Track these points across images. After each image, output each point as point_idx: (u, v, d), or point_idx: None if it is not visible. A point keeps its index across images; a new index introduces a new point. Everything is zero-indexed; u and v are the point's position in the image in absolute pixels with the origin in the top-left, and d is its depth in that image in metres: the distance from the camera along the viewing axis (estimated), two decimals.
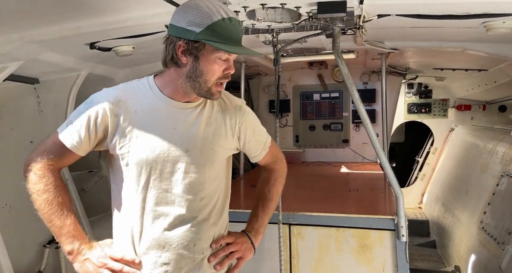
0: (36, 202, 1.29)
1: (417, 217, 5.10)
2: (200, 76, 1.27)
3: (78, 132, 1.31)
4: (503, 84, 3.59)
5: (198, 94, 1.32)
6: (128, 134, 1.31)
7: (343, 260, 2.18)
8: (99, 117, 1.30)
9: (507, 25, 1.69)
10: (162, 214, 1.33)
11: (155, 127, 1.32)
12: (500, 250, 2.86)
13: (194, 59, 1.26)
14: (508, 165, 3.26)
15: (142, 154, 1.31)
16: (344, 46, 2.76)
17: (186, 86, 1.31)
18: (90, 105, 1.31)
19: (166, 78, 1.35)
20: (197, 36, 1.21)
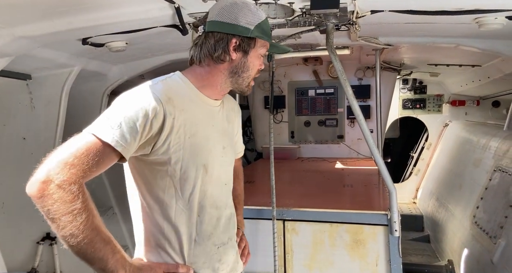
0: (71, 225, 1.04)
1: (411, 212, 5.15)
2: (246, 71, 1.34)
3: (131, 133, 1.14)
4: (497, 80, 3.61)
5: (235, 89, 1.38)
6: (182, 134, 1.25)
7: (337, 255, 2.20)
8: (156, 115, 1.18)
9: (498, 21, 1.70)
10: (215, 215, 1.37)
11: (201, 125, 1.31)
12: (492, 244, 2.89)
13: (243, 54, 1.32)
14: (500, 160, 3.29)
15: (196, 155, 1.28)
16: (338, 42, 2.76)
17: (226, 82, 1.35)
18: (142, 102, 1.17)
19: (202, 75, 1.34)
20: (253, 33, 1.29)
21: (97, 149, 1.10)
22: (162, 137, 1.21)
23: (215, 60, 1.31)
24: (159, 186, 1.27)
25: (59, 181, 1.04)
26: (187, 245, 1.31)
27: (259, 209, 2.34)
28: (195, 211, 1.31)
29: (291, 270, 2.26)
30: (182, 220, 1.30)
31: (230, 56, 1.30)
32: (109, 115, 1.16)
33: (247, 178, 3.50)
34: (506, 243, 2.72)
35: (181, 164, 1.25)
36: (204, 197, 1.32)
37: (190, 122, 1.27)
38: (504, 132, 3.56)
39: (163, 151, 1.22)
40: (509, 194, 2.94)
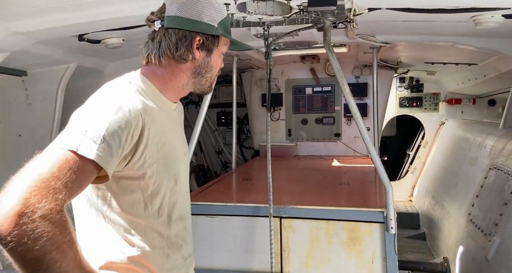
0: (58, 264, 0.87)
1: (407, 210, 5.17)
2: (209, 71, 1.26)
3: (115, 148, 1.01)
4: (493, 78, 3.63)
5: (197, 90, 1.29)
6: (155, 145, 1.14)
7: (333, 253, 2.21)
8: (137, 127, 1.07)
9: (495, 19, 1.71)
10: (181, 227, 1.30)
11: (168, 133, 1.23)
12: (487, 242, 2.92)
13: (207, 53, 1.24)
14: (496, 158, 3.31)
15: (167, 166, 1.20)
16: (336, 39, 2.76)
17: (188, 83, 1.26)
18: (122, 111, 1.04)
19: (164, 76, 1.23)
20: (218, 30, 1.21)
21: (80, 168, 0.94)
22: (139, 151, 1.09)
23: (176, 60, 1.20)
24: (126, 202, 1.14)
25: (45, 211, 0.84)
26: (160, 261, 1.23)
27: (256, 206, 2.34)
28: (165, 224, 1.23)
29: (287, 267, 2.26)
30: (153, 235, 1.20)
31: (194, 55, 1.21)
32: (87, 127, 1.00)
33: (244, 176, 3.52)
34: (501, 240, 2.74)
35: (155, 177, 1.16)
36: (172, 209, 1.24)
37: (160, 130, 1.17)
38: (499, 131, 3.58)
39: (139, 165, 1.11)
40: (504, 192, 2.96)
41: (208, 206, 2.41)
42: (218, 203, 2.41)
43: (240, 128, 5.53)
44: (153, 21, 1.22)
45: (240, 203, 2.42)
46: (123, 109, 1.05)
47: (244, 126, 5.56)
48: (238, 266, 2.32)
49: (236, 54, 3.60)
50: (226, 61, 2.68)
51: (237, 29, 2.27)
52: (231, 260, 2.32)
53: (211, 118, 5.69)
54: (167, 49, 1.20)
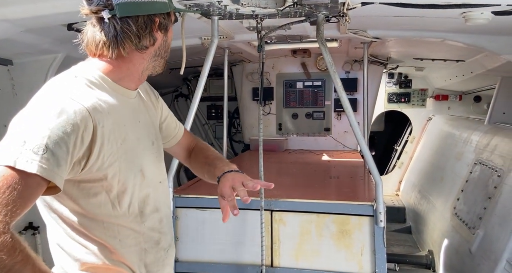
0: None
1: (394, 204, 5.26)
2: (167, 50, 1.19)
3: (62, 156, 0.93)
4: (479, 75, 3.69)
5: (154, 72, 1.21)
6: (113, 142, 1.06)
7: (323, 245, 2.24)
8: (86, 128, 0.98)
9: (484, 16, 1.73)
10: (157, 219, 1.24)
11: (129, 126, 1.14)
12: (471, 235, 3.00)
13: (164, 33, 1.16)
14: (481, 153, 3.39)
15: (131, 161, 1.13)
16: (328, 34, 2.76)
17: (147, 68, 1.18)
18: (65, 114, 0.95)
19: (120, 66, 1.13)
20: (171, 5, 1.13)
21: (21, 183, 0.86)
22: (95, 152, 1.01)
23: (139, 49, 1.11)
24: (92, 204, 1.08)
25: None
26: (138, 257, 1.19)
27: None
28: (139, 221, 1.17)
29: (278, 260, 2.28)
30: (127, 233, 1.15)
31: (155, 39, 1.13)
32: (25, 136, 0.90)
33: None
34: (484, 233, 2.82)
35: (119, 177, 1.08)
36: (144, 204, 1.18)
37: (118, 125, 1.09)
38: (485, 127, 3.67)
39: (97, 167, 1.03)
40: (488, 186, 3.04)
41: (199, 199, 2.41)
42: (208, 196, 2.41)
43: (230, 122, 5.51)
44: (97, 11, 1.07)
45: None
46: (67, 111, 0.95)
47: (235, 119, 5.55)
48: (228, 258, 2.33)
49: (228, 47, 3.58)
50: (216, 54, 2.67)
51: (230, 21, 2.25)
52: (222, 253, 2.33)
53: (201, 112, 5.65)
54: (128, 41, 1.09)
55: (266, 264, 2.23)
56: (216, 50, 2.34)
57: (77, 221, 1.09)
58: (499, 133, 3.31)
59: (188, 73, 5.25)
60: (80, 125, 0.97)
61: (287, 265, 2.26)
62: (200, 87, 2.29)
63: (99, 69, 1.12)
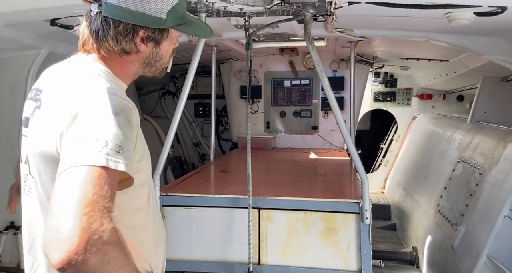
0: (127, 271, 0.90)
1: (379, 202, 5.35)
2: (159, 60, 1.18)
3: (132, 152, 0.99)
4: (462, 75, 3.78)
5: (150, 75, 1.23)
6: (139, 136, 1.10)
7: (310, 243, 2.26)
8: (137, 124, 1.04)
9: (467, 17, 1.78)
10: (158, 209, 1.30)
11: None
12: (453, 231, 3.07)
13: (155, 45, 1.14)
14: (463, 151, 3.48)
15: (147, 152, 1.17)
16: (315, 33, 2.78)
17: (138, 72, 1.20)
18: (123, 111, 0.99)
19: (117, 67, 1.14)
20: (167, 23, 1.10)
21: (114, 180, 0.92)
22: (136, 146, 1.06)
23: (118, 53, 1.10)
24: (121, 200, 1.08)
25: (108, 233, 0.83)
26: (153, 251, 1.22)
27: (234, 197, 2.34)
28: (151, 213, 1.21)
29: (265, 258, 2.29)
30: (146, 227, 1.19)
31: (138, 49, 1.11)
32: (104, 136, 0.93)
33: (222, 168, 3.51)
34: (466, 229, 2.90)
35: (144, 169, 1.14)
36: (153, 196, 1.23)
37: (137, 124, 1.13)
38: (467, 125, 3.76)
39: (136, 160, 1.07)
40: (470, 184, 3.12)
41: (186, 197, 2.39)
42: (196, 195, 2.39)
43: (218, 120, 5.50)
44: (90, 2, 1.08)
45: (219, 194, 2.42)
46: (124, 109, 1.00)
47: (223, 118, 5.53)
48: (216, 257, 2.32)
49: (215, 45, 3.56)
50: (204, 52, 2.65)
51: (217, 19, 2.24)
52: (209, 251, 2.33)
53: (189, 110, 5.62)
54: (105, 41, 1.08)
55: (253, 261, 2.24)
56: (204, 47, 2.33)
57: None
58: (481, 131, 3.40)
59: (176, 70, 5.20)
60: (135, 122, 1.02)
61: (274, 262, 2.27)
62: (187, 85, 2.27)
63: (101, 64, 1.12)
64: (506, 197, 2.48)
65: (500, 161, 2.78)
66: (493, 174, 2.80)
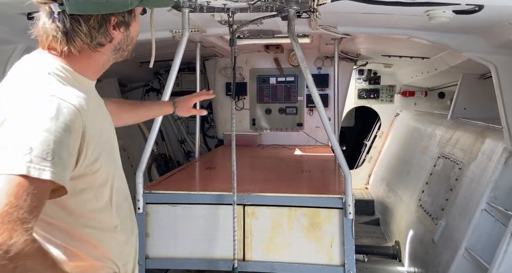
0: None
1: (363, 197, 5.43)
2: (130, 43, 1.15)
3: (68, 159, 0.94)
4: (443, 72, 3.86)
5: (118, 60, 1.19)
6: (96, 136, 1.06)
7: (294, 238, 2.27)
8: (80, 127, 0.98)
9: (446, 15, 1.81)
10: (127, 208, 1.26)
11: (99, 115, 1.13)
12: (434, 225, 3.15)
13: (125, 28, 1.11)
14: (444, 147, 3.56)
15: (110, 152, 1.13)
16: (299, 29, 2.79)
17: (109, 60, 1.15)
18: (63, 117, 0.93)
19: (80, 60, 1.08)
20: (133, 2, 1.05)
21: (37, 189, 0.86)
22: (84, 150, 1.00)
23: (93, 48, 1.07)
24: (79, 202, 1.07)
25: (19, 246, 0.79)
26: (118, 249, 1.19)
27: (219, 194, 2.34)
28: (115, 213, 1.17)
29: (250, 254, 2.30)
30: (109, 227, 1.16)
31: (111, 37, 1.08)
32: (29, 142, 0.87)
33: (207, 165, 3.50)
34: (446, 223, 2.97)
35: (101, 170, 1.08)
36: (118, 195, 1.18)
37: (94, 118, 1.08)
38: (447, 122, 3.85)
39: (86, 164, 1.02)
40: (450, 178, 3.20)
41: (170, 195, 2.37)
42: (180, 192, 2.38)
43: (204, 117, 5.46)
44: (45, 2, 1.02)
45: (204, 191, 2.41)
46: (62, 113, 0.93)
47: (208, 115, 5.50)
48: (200, 254, 2.32)
49: (200, 41, 3.53)
50: (188, 48, 2.63)
51: (201, 14, 2.22)
52: (194, 248, 2.32)
53: None
54: (78, 40, 1.03)
55: (238, 258, 2.24)
56: (188, 43, 2.30)
57: (61, 221, 1.06)
58: (460, 127, 3.48)
59: (160, 67, 5.14)
60: (76, 126, 0.96)
61: (259, 258, 2.28)
62: (170, 81, 2.25)
63: (60, 61, 1.06)
64: (484, 191, 2.56)
65: (478, 156, 2.86)
66: (472, 169, 2.88)
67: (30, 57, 1.09)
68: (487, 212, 2.53)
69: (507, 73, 2.41)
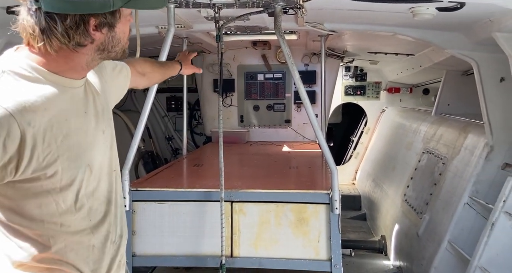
0: None
1: (350, 193, 5.50)
2: (117, 45, 1.10)
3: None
4: (427, 69, 3.93)
5: (109, 59, 1.16)
6: (52, 141, 1.00)
7: (282, 234, 2.29)
8: (9, 135, 0.92)
9: (430, 11, 1.85)
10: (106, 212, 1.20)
11: (72, 119, 1.07)
12: (419, 219, 3.21)
13: (109, 29, 1.05)
14: (428, 143, 3.63)
15: (77, 157, 1.07)
16: (286, 26, 2.79)
17: (94, 60, 1.10)
18: None
19: (57, 60, 1.04)
20: (116, 3, 0.99)
21: None
22: (26, 156, 0.95)
23: (71, 48, 1.02)
24: (31, 205, 1.03)
25: None
26: (85, 254, 1.14)
27: (207, 191, 2.34)
28: (85, 217, 1.12)
29: (237, 250, 2.31)
30: (72, 231, 1.11)
31: (92, 38, 1.03)
32: None
33: (195, 162, 3.48)
34: (430, 217, 3.04)
35: (60, 175, 1.03)
36: (92, 198, 1.14)
37: (58, 120, 1.01)
38: (432, 118, 3.92)
39: (33, 169, 0.97)
40: (434, 173, 3.27)
41: (157, 192, 2.36)
42: (167, 189, 2.37)
43: (192, 114, 5.43)
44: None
45: (191, 188, 2.40)
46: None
47: (196, 112, 5.47)
48: (188, 251, 2.31)
49: (186, 37, 3.50)
50: (175, 44, 2.60)
51: (187, 10, 2.20)
52: (181, 245, 2.31)
53: (160, 103, 5.51)
54: (54, 39, 0.98)
55: (226, 254, 2.24)
56: (174, 39, 2.28)
57: (14, 221, 1.03)
58: (444, 123, 3.55)
59: None
60: (1, 133, 0.90)
61: (247, 254, 2.29)
62: None
63: (33, 60, 1.02)
64: (466, 185, 2.62)
65: (461, 151, 2.93)
66: (455, 164, 2.94)
67: (5, 53, 1.06)
68: (469, 206, 2.59)
69: (488, 69, 2.47)
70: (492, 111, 2.49)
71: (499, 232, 2.12)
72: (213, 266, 2.28)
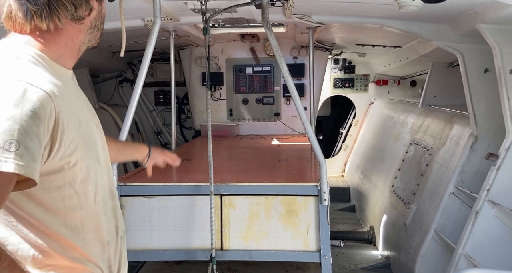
0: None
1: (339, 185, 5.56)
2: (103, 21, 1.12)
3: (35, 149, 0.88)
4: (414, 61, 3.97)
5: (90, 46, 1.13)
6: (72, 128, 0.99)
7: (271, 226, 2.31)
8: (51, 116, 0.91)
9: (416, 3, 1.86)
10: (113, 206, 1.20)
11: (78, 108, 1.06)
12: (406, 209, 3.27)
13: (99, 2, 1.09)
14: (415, 134, 3.68)
15: (89, 147, 1.07)
16: (274, 18, 2.78)
17: (84, 42, 1.09)
18: (31, 104, 0.87)
19: (58, 43, 1.03)
20: None
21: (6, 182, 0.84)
22: (58, 140, 0.94)
23: (75, 20, 1.02)
24: (55, 198, 1.01)
25: None
26: (100, 251, 1.13)
27: (196, 185, 2.33)
28: (101, 210, 1.13)
29: (227, 243, 2.31)
30: (91, 226, 1.09)
31: (91, 7, 1.05)
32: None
33: (184, 156, 3.46)
34: (417, 207, 3.10)
35: (81, 164, 1.03)
36: (103, 191, 1.14)
37: (70, 108, 1.00)
38: (418, 109, 3.97)
39: (60, 156, 0.96)
40: (421, 164, 3.32)
41: (146, 186, 2.34)
42: (156, 183, 2.35)
43: (180, 108, 5.39)
44: None
45: (180, 182, 2.40)
46: (30, 99, 0.88)
47: (185, 106, 5.42)
48: (178, 244, 2.31)
49: (173, 30, 3.45)
50: (162, 37, 2.57)
51: (173, 2, 2.17)
52: (171, 239, 2.31)
53: (149, 97, 5.45)
54: (62, 10, 0.99)
55: (216, 247, 2.25)
56: (161, 32, 2.25)
57: (36, 219, 1.00)
58: (431, 115, 3.60)
59: (133, 57, 5.00)
60: (46, 113, 0.90)
61: (237, 247, 2.30)
62: (143, 72, 2.19)
63: (34, 46, 1.00)
64: (452, 175, 2.67)
65: (447, 142, 2.98)
66: (441, 154, 2.99)
67: (3, 43, 1.03)
68: (455, 195, 2.65)
69: (473, 61, 2.50)
70: (476, 102, 2.54)
71: (483, 220, 2.18)
72: (203, 260, 2.28)
